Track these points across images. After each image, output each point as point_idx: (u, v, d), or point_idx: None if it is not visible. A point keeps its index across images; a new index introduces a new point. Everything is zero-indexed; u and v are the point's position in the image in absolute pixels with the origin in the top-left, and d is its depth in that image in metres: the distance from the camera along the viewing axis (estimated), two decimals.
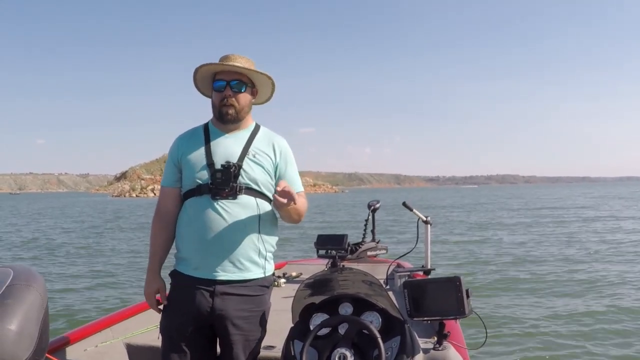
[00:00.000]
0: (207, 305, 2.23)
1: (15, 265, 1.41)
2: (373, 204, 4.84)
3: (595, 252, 13.35)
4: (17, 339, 1.22)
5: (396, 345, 2.13)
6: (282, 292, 4.13)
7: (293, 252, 14.08)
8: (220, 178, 2.22)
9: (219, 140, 2.33)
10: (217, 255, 2.23)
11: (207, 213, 2.23)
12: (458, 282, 2.30)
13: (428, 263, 4.18)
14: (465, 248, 15.15)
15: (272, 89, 2.44)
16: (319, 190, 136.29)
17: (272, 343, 2.80)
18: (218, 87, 2.31)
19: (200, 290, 2.23)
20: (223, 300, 2.23)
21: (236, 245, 2.24)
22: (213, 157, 2.28)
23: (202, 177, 2.26)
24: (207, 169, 2.26)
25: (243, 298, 2.26)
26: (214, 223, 2.22)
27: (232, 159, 2.27)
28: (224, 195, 2.22)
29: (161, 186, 2.43)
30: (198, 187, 2.26)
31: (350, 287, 2.32)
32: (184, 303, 2.25)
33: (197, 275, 2.25)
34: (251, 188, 2.27)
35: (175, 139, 2.41)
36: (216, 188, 2.22)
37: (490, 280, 9.88)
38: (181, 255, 2.31)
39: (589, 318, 7.01)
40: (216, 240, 2.22)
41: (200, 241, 2.23)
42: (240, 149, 2.31)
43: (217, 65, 2.31)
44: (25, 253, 15.58)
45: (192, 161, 2.30)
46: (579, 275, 10.27)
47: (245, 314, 2.26)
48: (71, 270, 12.01)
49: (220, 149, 2.30)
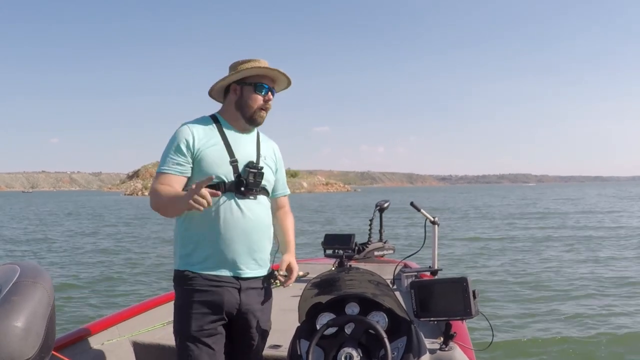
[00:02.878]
0: (236, 302, 2.26)
1: (22, 262, 1.42)
2: (381, 203, 4.83)
3: (609, 257, 13.22)
4: (23, 336, 1.23)
5: (402, 346, 2.13)
6: (288, 291, 4.12)
7: (300, 252, 14.08)
8: (253, 179, 2.26)
9: (235, 138, 2.33)
10: (241, 253, 2.26)
11: (233, 211, 2.23)
12: (465, 283, 2.29)
13: (435, 263, 4.16)
14: (473, 249, 15.09)
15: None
16: (331, 189, 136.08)
17: (278, 342, 2.80)
18: (263, 89, 2.32)
19: (227, 288, 2.24)
20: (247, 296, 2.29)
21: (259, 243, 2.31)
22: (236, 155, 2.28)
23: (227, 174, 2.24)
24: (232, 167, 2.26)
25: (259, 291, 2.34)
26: (239, 222, 2.23)
27: (251, 159, 2.31)
28: (248, 195, 2.26)
29: (163, 172, 2.24)
30: (221, 184, 2.22)
31: (357, 287, 2.32)
32: (212, 303, 2.22)
33: (222, 274, 2.24)
34: (265, 188, 2.36)
35: (186, 126, 2.29)
36: (246, 188, 2.24)
37: (497, 281, 9.84)
38: (197, 255, 2.25)
39: (597, 321, 6.96)
40: (241, 239, 2.24)
41: (226, 240, 2.23)
42: (255, 151, 2.36)
43: (271, 70, 2.32)
44: (32, 249, 15.67)
45: (213, 155, 2.25)
46: (587, 278, 10.21)
47: (262, 306, 2.35)
48: (78, 267, 12.07)
49: (239, 147, 2.31)
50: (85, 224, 26.82)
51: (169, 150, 2.26)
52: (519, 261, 12.46)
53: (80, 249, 15.82)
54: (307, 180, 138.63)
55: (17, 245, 17.08)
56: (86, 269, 11.88)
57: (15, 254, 15.12)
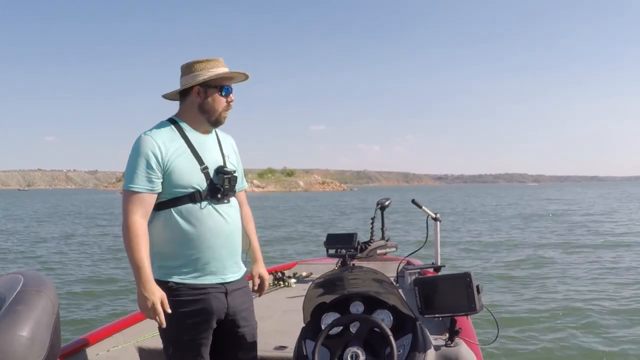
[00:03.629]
0: (224, 307, 2.26)
1: (26, 272, 1.42)
2: (382, 201, 4.82)
3: (616, 257, 13.19)
4: (28, 344, 1.23)
5: (408, 343, 2.13)
6: (292, 292, 4.13)
7: (303, 252, 14.08)
8: (229, 185, 2.25)
9: (199, 143, 2.28)
10: (225, 258, 2.26)
11: (213, 219, 2.22)
12: (469, 278, 2.29)
13: (438, 260, 4.16)
14: (477, 244, 15.09)
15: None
16: (327, 188, 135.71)
17: (284, 343, 2.80)
18: (228, 92, 2.30)
19: (215, 295, 2.24)
20: (233, 298, 2.29)
21: (237, 246, 2.35)
22: (205, 162, 2.24)
23: (200, 182, 2.20)
24: (203, 174, 2.22)
25: (242, 291, 2.36)
26: (220, 228, 2.23)
27: (219, 162, 2.29)
28: (223, 200, 2.25)
29: (134, 192, 2.14)
30: (197, 193, 2.19)
31: (361, 286, 2.31)
32: (201, 312, 2.21)
33: (208, 282, 2.23)
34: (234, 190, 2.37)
35: (149, 137, 2.17)
36: (223, 194, 2.23)
37: (502, 276, 9.83)
38: (182, 265, 2.21)
39: (603, 315, 6.96)
40: (224, 245, 2.25)
41: (210, 247, 2.21)
42: (219, 152, 2.33)
43: (239, 74, 2.31)
44: (35, 256, 15.65)
45: (184, 165, 2.19)
46: (592, 273, 10.22)
47: (245, 305, 2.36)
48: (82, 274, 12.06)
49: (206, 152, 2.27)
50: (87, 227, 26.78)
51: (137, 165, 2.15)
52: (525, 256, 12.46)
53: (84, 255, 15.80)
54: (304, 179, 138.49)
55: (16, 252, 17.06)
56: (91, 275, 11.86)
57: (16, 262, 15.11)
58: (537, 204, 38.03)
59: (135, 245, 2.10)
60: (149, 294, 2.08)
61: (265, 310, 3.38)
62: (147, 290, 2.08)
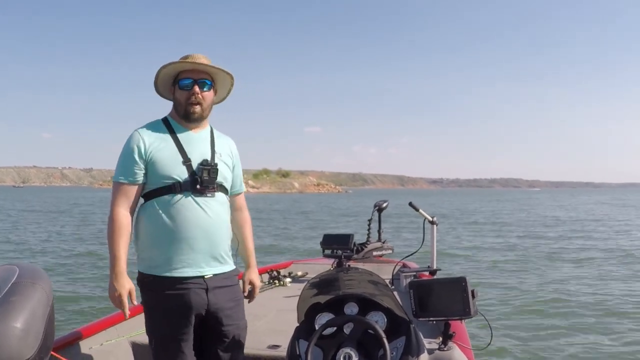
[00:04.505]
0: (204, 303, 2.26)
1: (21, 263, 1.42)
2: (380, 203, 4.83)
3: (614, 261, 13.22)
4: (22, 336, 1.23)
5: (401, 345, 2.13)
6: (287, 291, 4.12)
7: (299, 252, 14.08)
8: (208, 176, 2.26)
9: (187, 138, 2.33)
10: (203, 252, 2.26)
11: (192, 210, 2.23)
12: (464, 283, 2.29)
13: (434, 263, 4.16)
14: (472, 249, 15.10)
15: (230, 87, 2.47)
16: (322, 189, 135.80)
17: (277, 342, 2.81)
18: (185, 85, 2.30)
19: (194, 289, 2.24)
20: (215, 295, 2.28)
21: (219, 240, 2.31)
22: (189, 155, 2.28)
23: (180, 174, 2.24)
24: (185, 167, 2.26)
25: (228, 289, 2.35)
26: (199, 220, 2.24)
27: (206, 157, 2.31)
28: (206, 193, 2.26)
29: (119, 182, 2.27)
30: (177, 185, 2.24)
31: (356, 287, 2.31)
32: (180, 307, 2.23)
33: (185, 274, 2.23)
34: (223, 185, 2.37)
35: (136, 132, 2.30)
36: (202, 185, 2.24)
37: (496, 281, 9.84)
38: (159, 257, 2.24)
39: (595, 319, 6.98)
40: (203, 237, 2.25)
41: (187, 239, 2.23)
42: (209, 149, 2.36)
43: (185, 63, 2.30)
44: (31, 251, 15.63)
45: (165, 157, 2.26)
46: (585, 277, 10.23)
47: (232, 304, 2.35)
48: (77, 268, 12.04)
49: (192, 146, 2.31)
50: (82, 223, 26.76)
51: (123, 158, 2.29)
52: (519, 261, 12.47)
53: (78, 249, 15.79)
54: (299, 180, 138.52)
55: (13, 246, 17.04)
56: (85, 268, 11.84)
57: (12, 255, 15.09)
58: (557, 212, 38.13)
59: (116, 237, 2.22)
60: (119, 286, 2.21)
61: (260, 309, 3.38)
62: (117, 282, 2.21)
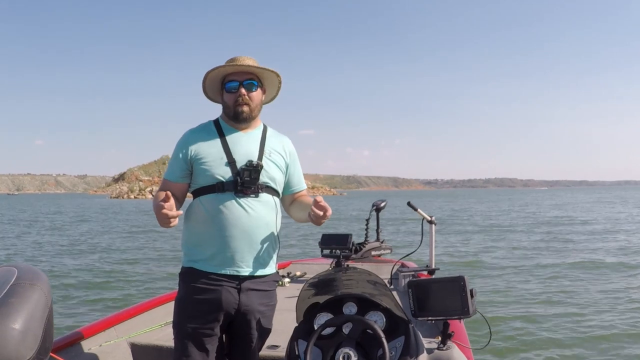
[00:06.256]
0: (235, 302, 2.27)
1: (20, 264, 1.41)
2: (378, 203, 4.83)
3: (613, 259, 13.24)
4: (21, 337, 1.22)
5: (400, 345, 2.13)
6: (286, 291, 4.13)
7: (297, 252, 14.08)
8: (249, 176, 2.27)
9: (234, 138, 2.35)
10: (242, 251, 2.27)
11: (232, 210, 2.25)
12: (462, 282, 2.29)
13: (432, 263, 4.16)
14: (471, 248, 15.11)
15: (278, 86, 2.48)
16: (317, 192, 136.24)
17: (276, 342, 2.80)
18: (230, 87, 2.34)
19: (227, 287, 2.25)
20: (248, 296, 2.29)
21: (260, 241, 2.31)
22: (234, 155, 2.30)
23: (224, 174, 2.27)
24: (229, 167, 2.29)
25: (262, 293, 2.34)
26: (239, 220, 2.25)
27: (252, 157, 2.32)
28: (248, 193, 2.27)
29: (164, 179, 2.39)
30: (219, 184, 2.27)
31: (355, 287, 2.31)
32: (210, 302, 2.24)
33: (221, 271, 2.26)
34: (270, 186, 2.36)
35: (186, 133, 2.39)
36: (242, 186, 2.26)
37: (495, 280, 9.85)
38: (199, 253, 2.29)
39: (595, 318, 6.99)
40: (242, 237, 2.26)
41: (226, 237, 2.25)
42: (257, 148, 2.36)
43: (228, 66, 2.33)
44: (30, 252, 15.62)
45: (211, 157, 2.30)
46: (583, 276, 10.24)
47: (263, 308, 2.35)
48: (75, 269, 12.04)
49: (238, 147, 2.33)
50: (80, 226, 26.76)
51: (171, 158, 2.41)
52: (518, 260, 12.48)
53: (77, 251, 15.78)
54: None
55: (12, 249, 17.03)
56: (84, 270, 11.84)
57: (10, 256, 15.07)
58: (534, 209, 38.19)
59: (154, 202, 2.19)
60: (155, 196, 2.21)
61: None
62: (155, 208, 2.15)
